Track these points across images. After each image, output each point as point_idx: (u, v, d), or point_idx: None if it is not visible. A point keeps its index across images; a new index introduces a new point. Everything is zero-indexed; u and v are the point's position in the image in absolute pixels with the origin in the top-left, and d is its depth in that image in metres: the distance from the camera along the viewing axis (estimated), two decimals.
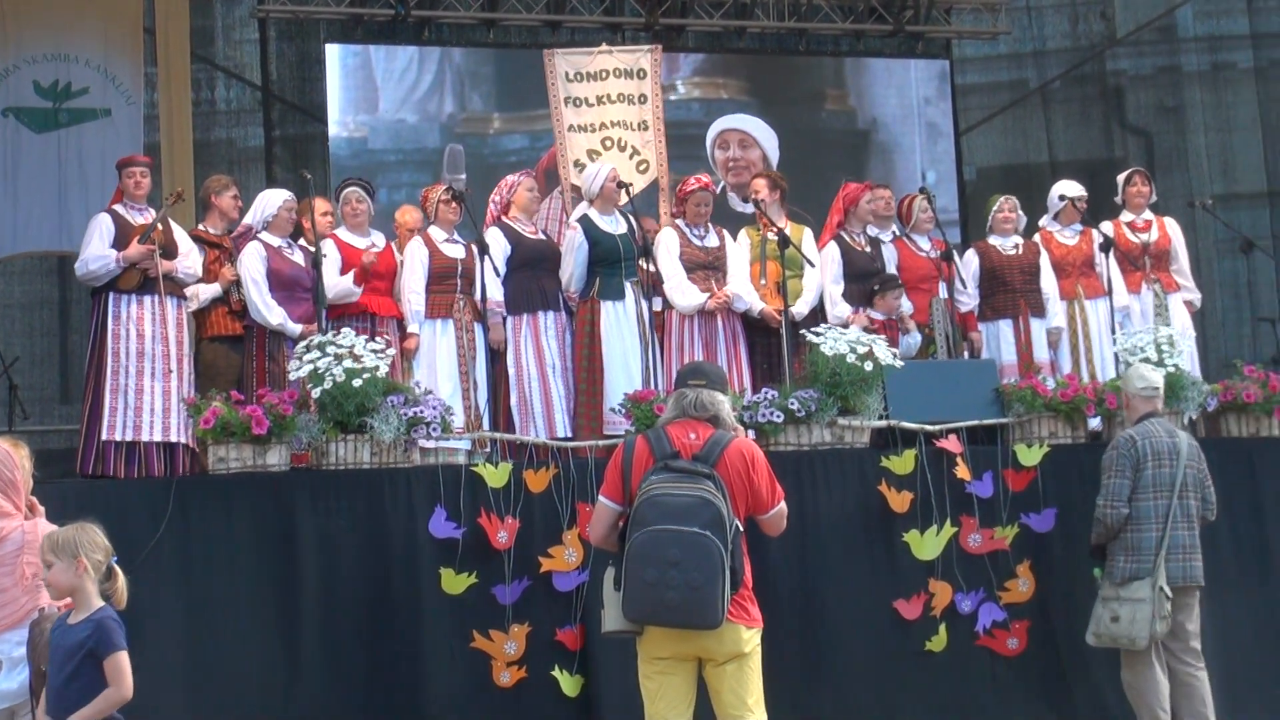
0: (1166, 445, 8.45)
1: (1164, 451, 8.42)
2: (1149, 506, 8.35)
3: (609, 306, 10.17)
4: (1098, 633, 8.39)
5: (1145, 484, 8.38)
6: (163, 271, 9.45)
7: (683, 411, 6.46)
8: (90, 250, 9.49)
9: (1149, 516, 8.34)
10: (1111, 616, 8.28)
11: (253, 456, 8.38)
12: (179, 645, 8.08)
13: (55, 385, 14.79)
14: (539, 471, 8.58)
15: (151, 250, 9.42)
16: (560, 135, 11.67)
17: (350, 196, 10.18)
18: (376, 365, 8.52)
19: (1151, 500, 8.36)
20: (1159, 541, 8.30)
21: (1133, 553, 8.32)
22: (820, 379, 9.10)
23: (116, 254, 9.41)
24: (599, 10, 15.10)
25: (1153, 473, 8.38)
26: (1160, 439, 8.46)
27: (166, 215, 9.72)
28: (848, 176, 11.72)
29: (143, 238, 9.43)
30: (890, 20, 15.78)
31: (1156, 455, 8.40)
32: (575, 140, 11.58)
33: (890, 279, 10.62)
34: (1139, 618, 8.22)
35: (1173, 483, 8.36)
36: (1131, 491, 8.37)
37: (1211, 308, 15.45)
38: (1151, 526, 8.33)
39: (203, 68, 15.29)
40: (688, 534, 6.04)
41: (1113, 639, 8.32)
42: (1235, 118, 16.66)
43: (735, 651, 6.28)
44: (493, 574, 8.41)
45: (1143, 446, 8.41)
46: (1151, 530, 8.32)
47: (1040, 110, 17.10)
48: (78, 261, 9.63)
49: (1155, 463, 8.39)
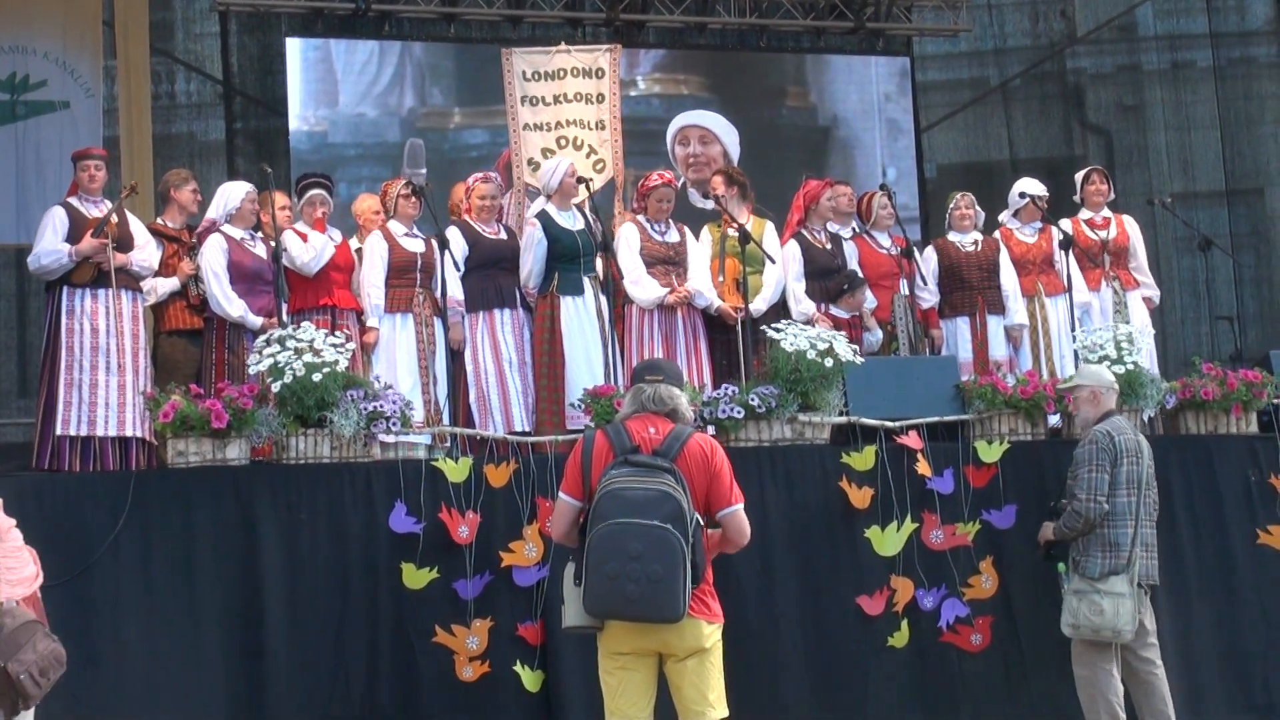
0: (1135, 443, 8.49)
1: (1133, 448, 8.45)
2: (1124, 503, 8.37)
3: (568, 302, 10.16)
4: (1076, 624, 8.36)
5: (1120, 480, 8.39)
6: (117, 265, 9.40)
7: (641, 406, 6.46)
8: (43, 244, 9.44)
9: (1124, 513, 8.36)
10: (1094, 609, 8.26)
11: (212, 450, 8.34)
12: (138, 640, 8.05)
13: (13, 378, 14.73)
14: (499, 466, 8.57)
15: (105, 244, 9.37)
16: (515, 134, 11.63)
17: (315, 200, 10.14)
18: (336, 360, 8.50)
19: (1126, 497, 8.38)
20: (1133, 538, 8.33)
21: (1110, 549, 8.33)
22: (781, 375, 9.10)
23: (69, 248, 9.36)
24: (560, 5, 15.08)
25: (1126, 469, 8.40)
26: (1129, 436, 8.50)
27: (122, 208, 9.66)
28: (808, 173, 11.69)
29: (96, 231, 9.38)
30: (851, 17, 15.79)
31: (1129, 452, 8.42)
32: (530, 139, 11.54)
33: (857, 278, 10.61)
34: (1123, 612, 8.22)
35: (1139, 480, 8.39)
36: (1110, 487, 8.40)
37: (1170, 305, 15.54)
38: (1127, 523, 8.35)
39: (163, 61, 15.23)
40: (648, 527, 6.04)
41: (1095, 630, 8.30)
42: (1194, 116, 16.74)
43: (696, 647, 6.28)
44: (454, 569, 8.40)
45: (1119, 442, 8.43)
46: (1127, 526, 8.34)
47: (1001, 108, 17.14)
48: (30, 255, 9.57)
49: (1128, 459, 8.41)
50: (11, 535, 6.00)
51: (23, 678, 5.73)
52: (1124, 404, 9.37)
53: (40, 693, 5.82)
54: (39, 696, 5.83)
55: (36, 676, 5.78)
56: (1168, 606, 9.09)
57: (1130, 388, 9.46)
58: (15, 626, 5.80)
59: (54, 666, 5.87)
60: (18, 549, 6.01)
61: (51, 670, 5.85)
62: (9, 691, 5.75)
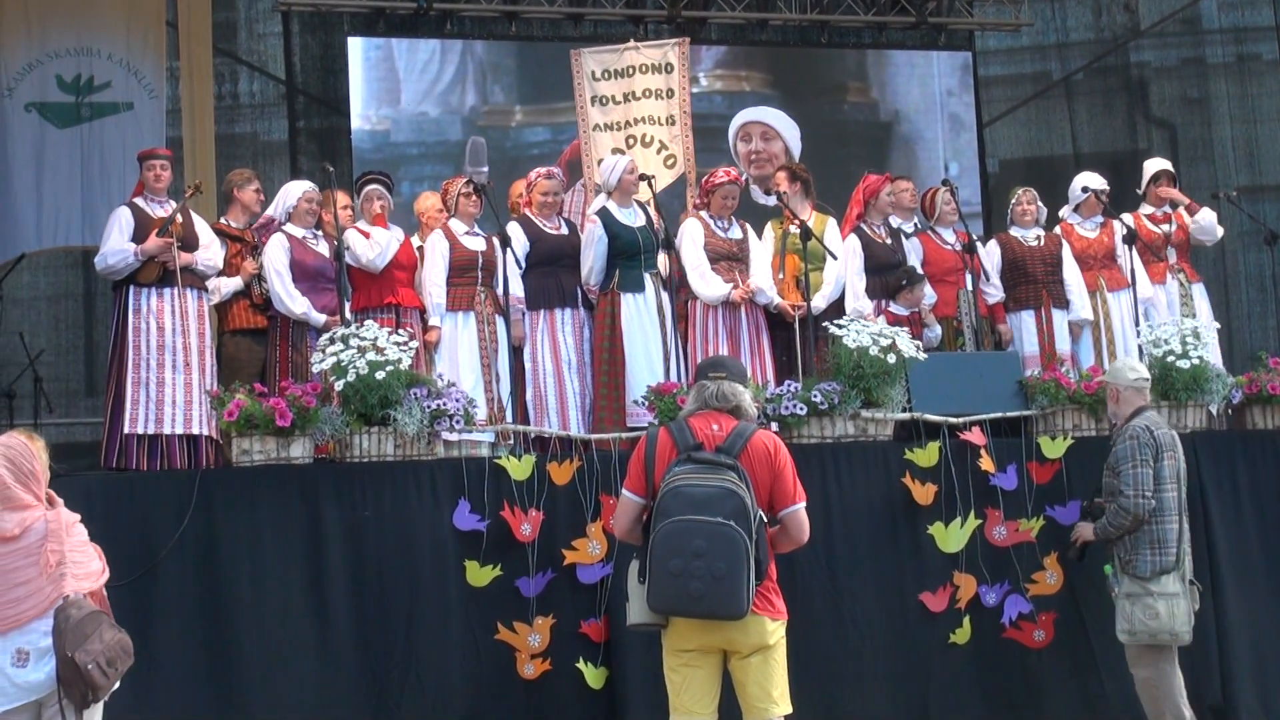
0: (1171, 437, 8.36)
1: (1171, 443, 8.32)
2: (1169, 498, 8.21)
3: (629, 299, 10.16)
4: (1132, 630, 8.17)
5: (1164, 475, 8.22)
6: (182, 264, 9.47)
7: (704, 403, 6.46)
8: (109, 244, 9.53)
9: (1170, 508, 8.20)
10: (1149, 613, 8.08)
11: (277, 449, 8.38)
12: (203, 638, 8.11)
13: (80, 378, 14.85)
14: (563, 464, 8.58)
15: (170, 243, 9.44)
16: (585, 134, 11.67)
17: (372, 195, 10.17)
18: (399, 358, 8.52)
19: (1171, 492, 8.23)
20: (1179, 534, 8.19)
21: (1159, 546, 8.18)
22: (843, 371, 9.08)
23: (135, 247, 9.43)
24: (621, 3, 15.09)
25: (1168, 464, 8.25)
26: (1165, 431, 8.37)
27: (186, 208, 9.73)
28: (869, 169, 11.68)
29: (161, 231, 9.45)
30: (913, 12, 15.77)
31: (1169, 446, 8.29)
32: (600, 139, 11.57)
33: (915, 273, 10.57)
34: (1178, 612, 8.06)
35: (1179, 475, 8.29)
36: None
37: (1236, 300, 15.45)
38: (1173, 518, 8.20)
39: (226, 61, 15.34)
40: (711, 524, 6.05)
41: (1152, 635, 8.10)
42: (1260, 109, 16.62)
43: (760, 643, 6.28)
44: (517, 566, 8.42)
45: (1159, 436, 8.27)
46: (1173, 522, 8.19)
47: (1064, 102, 17.06)
48: (97, 255, 9.65)
49: (1169, 454, 8.27)
50: (77, 530, 6.05)
51: (90, 667, 5.77)
52: (1190, 399, 9.32)
53: (108, 683, 5.85)
54: (107, 687, 5.86)
55: (104, 666, 5.81)
56: (1236, 603, 9.02)
57: (1196, 383, 9.39)
58: (81, 617, 5.84)
59: (121, 657, 5.91)
60: (84, 544, 6.07)
61: (119, 661, 5.89)
62: (78, 681, 5.79)
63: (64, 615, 5.84)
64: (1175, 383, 9.40)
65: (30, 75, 13.66)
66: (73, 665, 5.76)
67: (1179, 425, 9.31)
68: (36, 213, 13.55)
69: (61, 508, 6.07)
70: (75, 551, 5.99)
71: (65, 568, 5.91)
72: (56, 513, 6.01)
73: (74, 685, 5.80)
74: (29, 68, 13.67)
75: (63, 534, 5.95)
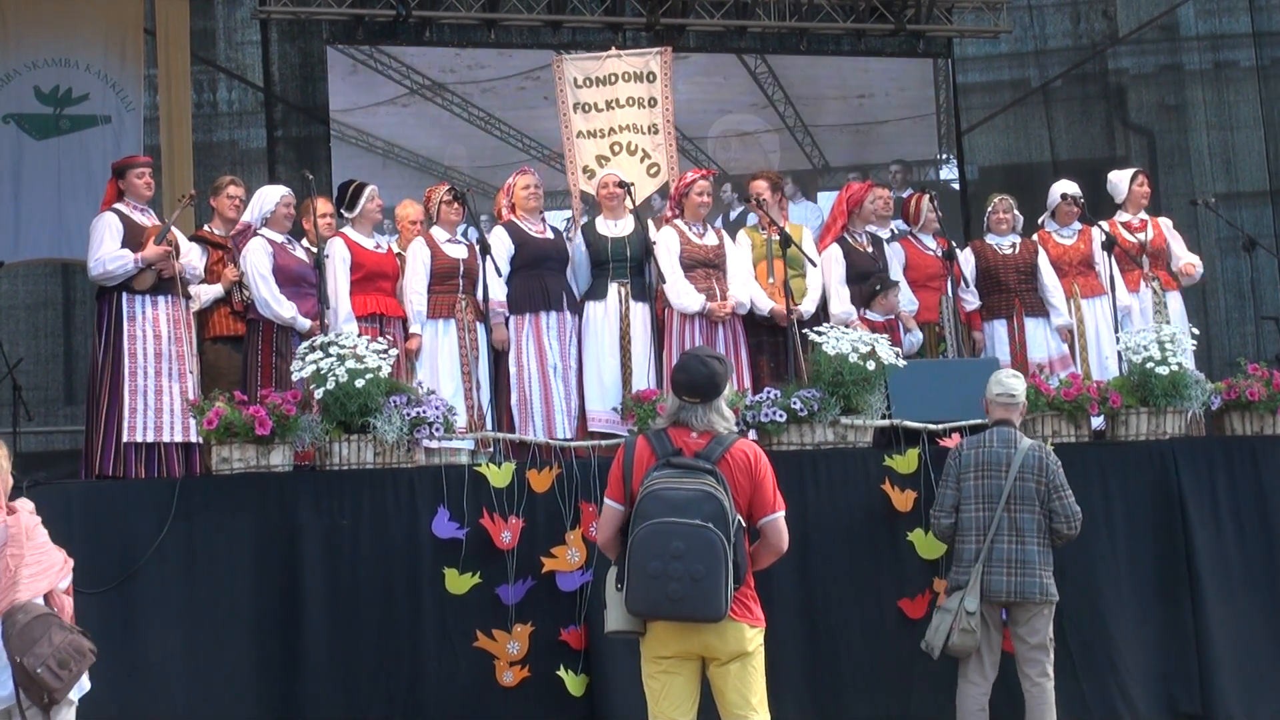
0: (999, 456, 8.23)
1: (994, 462, 8.21)
2: (969, 518, 8.19)
3: (590, 306, 10.29)
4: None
5: (967, 495, 8.22)
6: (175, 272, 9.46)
7: (679, 421, 6.44)
8: (104, 250, 9.36)
9: (969, 528, 8.19)
10: (930, 624, 8.25)
11: (256, 456, 8.37)
12: (181, 645, 8.10)
13: (59, 386, 14.80)
14: (542, 471, 8.58)
15: (168, 251, 9.41)
16: (569, 142, 11.67)
17: (374, 194, 10.18)
18: (379, 365, 8.52)
19: (973, 512, 8.19)
20: (976, 554, 8.14)
21: (958, 564, 8.25)
22: (823, 378, 9.08)
23: (134, 255, 9.35)
24: (600, 10, 15.11)
25: (974, 484, 8.20)
26: (993, 449, 8.25)
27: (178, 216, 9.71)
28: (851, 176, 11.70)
29: (158, 238, 9.40)
30: (891, 19, 15.81)
31: (982, 466, 8.21)
32: (584, 147, 11.58)
33: (889, 280, 10.58)
34: (940, 628, 8.12)
35: (998, 494, 8.18)
36: (958, 502, 8.27)
37: (1215, 306, 15.48)
38: (972, 539, 8.19)
39: (204, 69, 15.32)
40: (690, 526, 6.03)
41: (926, 646, 8.24)
42: (1237, 116, 16.69)
43: (738, 650, 6.27)
44: (496, 574, 8.41)
45: (967, 457, 8.26)
46: (970, 542, 8.18)
47: (1042, 109, 17.10)
48: (92, 261, 9.41)
49: (979, 473, 8.20)
50: (38, 533, 6.00)
51: (40, 671, 5.73)
52: (1169, 405, 9.33)
53: (63, 685, 5.80)
54: (62, 688, 5.82)
55: (55, 669, 5.77)
56: (1215, 610, 9.04)
57: (1175, 389, 9.39)
58: (28, 621, 5.79)
59: (74, 658, 5.85)
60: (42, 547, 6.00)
61: (72, 662, 5.83)
62: (33, 686, 5.77)
63: (10, 621, 5.79)
64: (1154, 389, 9.38)
65: (8, 86, 13.66)
66: (23, 670, 5.74)
67: (1158, 431, 9.34)
68: (14, 225, 13.52)
69: (22, 512, 6.02)
70: (36, 552, 5.95)
71: (21, 573, 5.87)
72: (16, 518, 5.97)
73: (30, 690, 5.78)
74: (7, 78, 13.66)
75: (23, 538, 5.91)
